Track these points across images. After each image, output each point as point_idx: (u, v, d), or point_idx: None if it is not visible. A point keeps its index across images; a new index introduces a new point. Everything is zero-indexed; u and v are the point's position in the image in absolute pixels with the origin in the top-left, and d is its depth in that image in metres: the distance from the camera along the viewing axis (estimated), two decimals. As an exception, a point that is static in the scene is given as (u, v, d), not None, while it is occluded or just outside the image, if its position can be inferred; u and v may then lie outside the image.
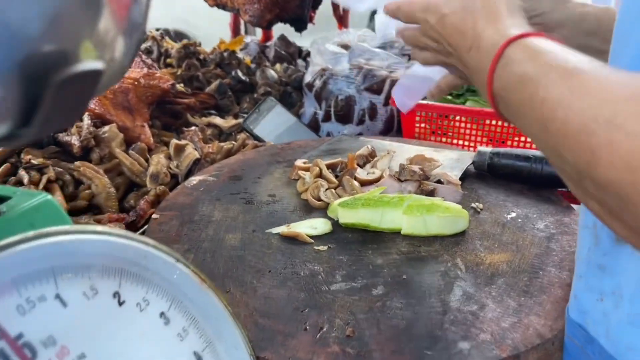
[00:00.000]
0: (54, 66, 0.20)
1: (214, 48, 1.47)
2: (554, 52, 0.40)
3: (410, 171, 0.73)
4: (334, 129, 1.21)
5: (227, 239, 0.68)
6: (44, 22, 0.19)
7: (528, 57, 0.41)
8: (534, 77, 0.39)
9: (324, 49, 1.23)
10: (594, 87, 0.33)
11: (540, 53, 0.40)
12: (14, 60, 0.19)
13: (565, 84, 0.36)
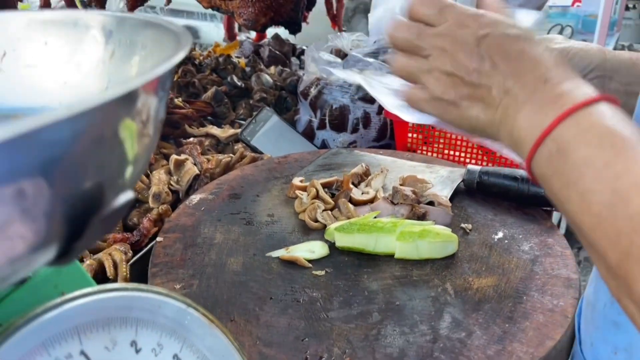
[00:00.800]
0: (96, 209, 0.23)
1: (209, 52, 1.48)
2: (629, 137, 0.35)
3: (403, 195, 0.77)
4: (328, 137, 1.24)
5: (230, 263, 0.72)
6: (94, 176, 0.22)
7: (610, 118, 0.37)
8: (615, 142, 0.35)
9: (318, 57, 1.25)
10: None
11: (618, 120, 0.36)
12: (62, 209, 0.22)
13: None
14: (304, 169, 0.98)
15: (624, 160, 0.33)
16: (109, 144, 0.24)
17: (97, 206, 0.23)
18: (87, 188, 0.22)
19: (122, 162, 0.25)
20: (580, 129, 0.37)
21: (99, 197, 0.23)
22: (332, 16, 1.77)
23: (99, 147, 0.23)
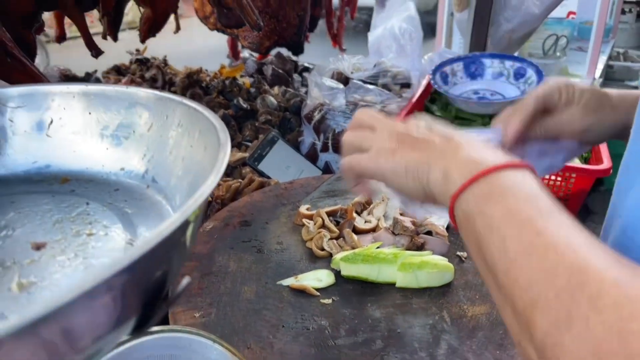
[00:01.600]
0: (165, 295, 0.29)
1: (215, 74, 1.54)
2: (533, 199, 0.39)
3: (403, 226, 0.83)
4: (331, 159, 1.30)
5: (244, 291, 0.78)
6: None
7: (511, 195, 0.39)
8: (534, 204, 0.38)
9: (321, 83, 1.31)
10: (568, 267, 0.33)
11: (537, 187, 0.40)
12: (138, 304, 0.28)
13: (539, 263, 0.35)
14: (309, 195, 1.04)
15: (545, 220, 0.36)
16: (173, 256, 0.30)
17: (165, 293, 0.29)
18: (158, 285, 0.29)
19: (181, 260, 0.31)
20: (517, 181, 0.40)
21: (166, 287, 0.29)
22: (333, 35, 1.83)
23: (168, 258, 0.30)
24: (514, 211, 0.38)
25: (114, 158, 0.51)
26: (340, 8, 1.73)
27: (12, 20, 0.99)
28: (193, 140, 0.44)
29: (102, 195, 0.48)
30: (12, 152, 0.51)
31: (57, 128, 0.52)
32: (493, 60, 1.52)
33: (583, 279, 0.32)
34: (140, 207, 0.46)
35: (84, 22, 1.09)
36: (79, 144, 0.52)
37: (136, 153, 0.50)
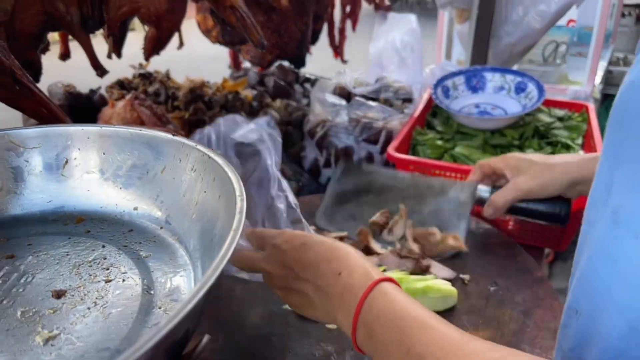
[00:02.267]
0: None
1: (217, 87, 1.55)
2: (407, 304, 0.49)
3: (409, 250, 0.84)
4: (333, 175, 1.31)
5: (250, 316, 0.79)
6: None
7: (394, 301, 0.49)
8: (400, 324, 0.47)
9: (323, 99, 1.32)
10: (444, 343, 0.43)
11: (399, 303, 0.49)
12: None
13: (425, 337, 0.45)
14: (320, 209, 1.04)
15: (408, 337, 0.45)
16: (197, 317, 0.31)
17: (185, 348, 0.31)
18: (181, 344, 0.30)
19: (201, 316, 0.33)
20: (374, 315, 0.49)
21: (187, 344, 0.31)
22: (335, 47, 1.84)
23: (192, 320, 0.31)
24: (387, 341, 0.47)
25: (128, 198, 0.52)
26: (342, 20, 1.74)
27: (18, 41, 1.00)
28: (207, 186, 0.45)
29: (116, 237, 0.49)
30: (28, 192, 0.52)
31: (72, 168, 0.53)
32: (494, 74, 1.54)
33: None
34: (154, 250, 0.47)
35: (89, 43, 1.10)
36: (93, 184, 0.53)
37: (149, 194, 0.51)
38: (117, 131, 0.52)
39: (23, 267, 0.44)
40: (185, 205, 0.48)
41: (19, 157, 0.52)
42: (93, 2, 1.11)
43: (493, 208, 0.88)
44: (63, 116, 0.87)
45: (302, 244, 0.57)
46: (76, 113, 1.29)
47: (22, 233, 0.49)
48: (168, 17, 1.17)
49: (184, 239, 0.47)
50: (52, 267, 0.44)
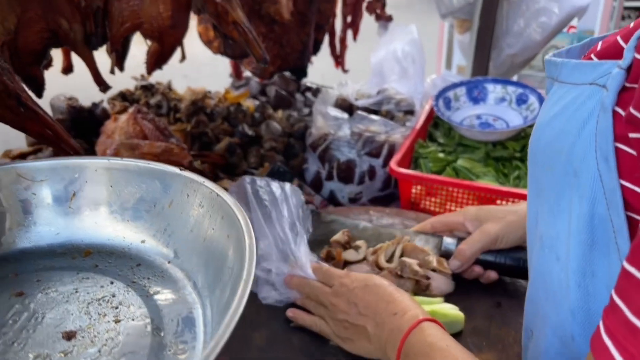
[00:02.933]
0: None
1: (219, 99, 1.56)
2: (439, 337, 0.59)
3: (413, 270, 0.84)
4: (336, 188, 1.32)
5: (255, 337, 0.79)
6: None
7: (429, 335, 0.59)
8: (429, 352, 0.56)
9: (325, 112, 1.32)
10: None
11: (434, 336, 0.59)
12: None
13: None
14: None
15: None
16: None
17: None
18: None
19: None
20: (414, 348, 0.58)
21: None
22: (336, 57, 1.85)
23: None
24: None
25: (135, 230, 0.52)
26: (343, 30, 1.75)
27: (21, 58, 1.00)
28: (215, 224, 0.46)
29: (125, 272, 0.49)
30: (36, 225, 0.53)
31: (80, 200, 0.53)
32: (496, 85, 1.54)
33: None
34: (163, 286, 0.47)
35: (92, 59, 1.10)
36: (101, 216, 0.53)
37: (157, 227, 0.51)
38: (125, 164, 0.52)
39: (33, 305, 0.44)
40: (193, 240, 0.48)
41: (27, 190, 0.52)
42: (96, 18, 1.11)
43: (461, 259, 0.86)
44: (68, 138, 0.88)
45: (366, 285, 0.70)
46: (79, 127, 1.29)
47: (31, 267, 0.49)
48: (171, 33, 1.17)
49: (192, 275, 0.47)
50: (62, 306, 0.44)
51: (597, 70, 0.41)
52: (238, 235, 0.41)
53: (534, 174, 0.51)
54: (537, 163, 0.49)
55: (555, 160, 0.44)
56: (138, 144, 1.19)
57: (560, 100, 0.45)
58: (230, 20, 1.15)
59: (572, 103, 0.43)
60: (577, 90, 0.43)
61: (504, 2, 1.58)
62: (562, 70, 0.47)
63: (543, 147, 0.47)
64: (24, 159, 1.19)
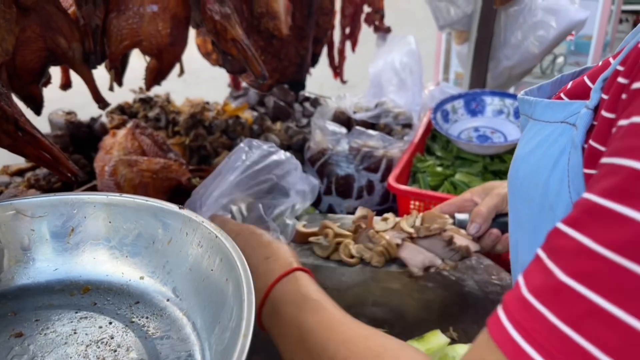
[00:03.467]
0: None
1: (217, 111, 1.56)
2: (312, 289, 0.57)
3: (427, 228, 0.82)
4: (334, 202, 1.32)
5: (254, 361, 0.79)
6: None
7: (303, 285, 0.57)
8: (300, 303, 0.54)
9: (324, 126, 1.32)
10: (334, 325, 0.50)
11: (306, 287, 0.57)
12: None
13: (317, 316, 0.52)
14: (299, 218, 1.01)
15: (304, 313, 0.52)
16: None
17: None
18: None
19: None
20: (284, 296, 0.56)
21: None
22: (334, 68, 1.85)
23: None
24: (290, 320, 0.53)
25: (134, 267, 0.52)
26: (341, 42, 1.75)
27: (19, 77, 1.00)
28: (214, 265, 0.46)
29: (123, 310, 0.49)
30: (35, 261, 0.53)
31: (78, 236, 0.53)
32: (493, 98, 1.54)
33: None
34: (162, 327, 0.47)
35: (91, 77, 1.10)
36: (99, 252, 0.53)
37: (156, 264, 0.52)
38: (124, 200, 0.52)
39: (32, 347, 0.44)
40: (193, 280, 0.48)
41: (25, 226, 0.52)
42: (95, 37, 1.11)
43: (478, 220, 0.84)
44: (66, 161, 0.88)
45: (238, 234, 0.66)
46: (78, 142, 1.29)
47: (30, 305, 0.49)
48: (170, 50, 1.17)
49: (191, 315, 0.47)
50: (61, 349, 0.44)
51: (567, 110, 0.43)
52: (237, 281, 0.41)
53: (514, 205, 0.52)
54: (516, 195, 0.51)
55: (533, 194, 0.46)
56: (136, 160, 1.19)
57: (535, 136, 0.47)
58: (229, 38, 1.15)
59: (546, 140, 0.45)
60: (550, 127, 0.45)
61: (501, 14, 1.58)
62: (536, 108, 0.49)
63: (521, 180, 0.48)
64: (22, 176, 1.19)
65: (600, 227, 0.30)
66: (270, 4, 1.28)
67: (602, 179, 0.31)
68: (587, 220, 0.31)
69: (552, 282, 0.30)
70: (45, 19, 1.03)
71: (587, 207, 0.31)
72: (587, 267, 0.29)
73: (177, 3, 1.15)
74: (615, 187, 0.30)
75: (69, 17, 1.03)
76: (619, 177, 0.30)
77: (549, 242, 0.33)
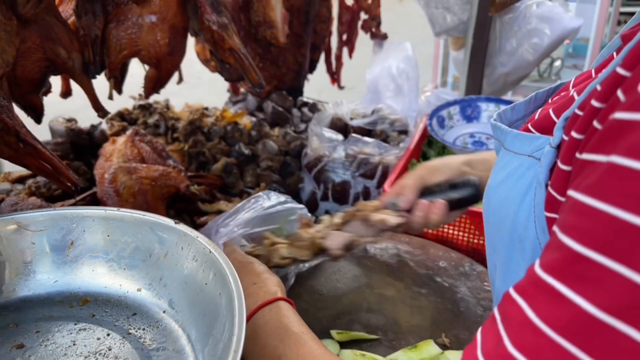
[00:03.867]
0: None
1: (216, 117, 1.57)
2: (294, 320, 0.58)
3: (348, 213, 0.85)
4: (331, 208, 1.34)
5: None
6: None
7: (284, 316, 0.57)
8: (281, 333, 0.55)
9: (321, 133, 1.34)
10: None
11: (288, 318, 0.57)
12: None
13: (298, 350, 0.52)
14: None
15: (284, 346, 0.53)
16: None
17: None
18: None
19: None
20: (266, 326, 0.57)
21: None
22: (332, 73, 1.87)
23: None
24: (266, 345, 0.54)
25: (132, 279, 0.54)
26: (339, 48, 1.77)
27: (20, 87, 1.02)
28: (207, 279, 0.47)
29: (121, 322, 0.51)
30: (35, 274, 0.54)
31: (77, 249, 0.55)
32: (489, 104, 1.56)
33: None
34: (158, 338, 0.49)
35: (91, 86, 1.12)
36: (98, 264, 0.55)
37: (152, 276, 0.53)
38: (122, 215, 0.54)
39: (33, 358, 0.46)
40: (188, 293, 0.50)
41: (26, 240, 0.54)
42: (94, 47, 1.13)
43: (404, 189, 0.84)
44: (66, 171, 0.89)
45: (238, 262, 0.69)
46: (78, 149, 1.31)
47: (30, 317, 0.51)
48: (168, 59, 1.19)
49: (186, 327, 0.49)
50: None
51: (534, 144, 0.44)
52: (229, 296, 0.43)
53: (488, 232, 0.53)
54: (489, 223, 0.52)
55: (502, 226, 0.48)
56: (136, 167, 1.20)
57: (506, 167, 0.48)
58: (227, 47, 1.17)
59: (515, 172, 0.46)
60: (518, 159, 0.46)
61: (496, 22, 1.60)
62: (506, 137, 0.50)
63: (493, 210, 0.50)
64: (23, 183, 1.21)
65: (543, 302, 0.32)
66: (267, 13, 1.30)
67: (547, 251, 0.33)
68: (533, 292, 0.33)
69: (501, 351, 0.33)
70: (45, 30, 1.05)
71: (533, 279, 0.33)
72: (531, 342, 0.31)
73: (175, 13, 1.16)
74: (556, 263, 0.31)
75: (69, 28, 1.05)
76: (560, 254, 0.31)
77: (503, 304, 0.35)
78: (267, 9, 1.31)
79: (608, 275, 0.28)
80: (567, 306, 0.30)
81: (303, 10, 1.48)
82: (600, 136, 0.32)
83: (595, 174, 0.31)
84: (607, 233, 0.29)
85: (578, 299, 0.29)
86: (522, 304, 0.33)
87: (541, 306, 0.31)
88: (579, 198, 0.31)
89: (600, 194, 0.30)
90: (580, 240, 0.30)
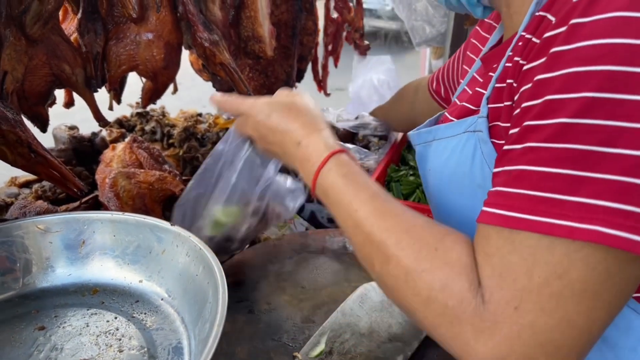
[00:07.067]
0: None
1: (209, 124, 1.67)
2: (357, 172, 0.58)
3: None
4: (316, 209, 1.44)
5: (237, 352, 0.91)
6: None
7: (347, 171, 0.57)
8: (351, 191, 0.55)
9: (306, 140, 1.44)
10: (389, 213, 0.52)
11: (353, 173, 0.57)
12: None
13: (372, 204, 0.53)
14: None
15: (358, 200, 0.54)
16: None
17: None
18: None
19: None
20: (329, 183, 0.57)
21: None
22: (318, 81, 1.96)
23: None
24: (340, 200, 0.56)
25: (134, 272, 0.64)
26: (325, 57, 1.87)
27: (28, 99, 1.12)
28: (198, 271, 0.58)
29: (126, 308, 0.61)
30: (53, 268, 0.64)
31: (88, 247, 0.65)
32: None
33: (376, 251, 0.51)
34: (157, 321, 0.59)
35: (93, 99, 1.22)
36: (106, 260, 0.65)
37: (152, 270, 0.63)
38: (126, 218, 0.64)
39: (53, 338, 0.56)
40: (182, 283, 0.60)
41: (45, 240, 0.64)
42: (96, 63, 1.23)
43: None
44: (73, 178, 0.99)
45: (269, 114, 0.68)
46: (80, 156, 1.41)
47: (49, 304, 0.61)
48: (164, 73, 1.29)
49: (180, 311, 0.59)
50: (76, 338, 0.56)
51: (465, 124, 0.59)
52: (215, 284, 0.53)
53: (444, 202, 0.64)
54: (443, 194, 0.64)
55: (462, 184, 0.60)
56: (134, 172, 1.30)
57: (445, 149, 0.62)
58: (218, 62, 1.27)
59: (456, 147, 0.60)
60: (456, 139, 0.61)
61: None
62: (437, 132, 0.64)
63: (447, 179, 0.63)
64: (29, 187, 1.30)
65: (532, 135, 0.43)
66: (255, 28, 1.40)
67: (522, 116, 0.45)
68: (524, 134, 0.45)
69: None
70: (51, 48, 1.15)
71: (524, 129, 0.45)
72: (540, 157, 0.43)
73: (170, 31, 1.26)
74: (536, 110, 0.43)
75: (73, 46, 1.15)
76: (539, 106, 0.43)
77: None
78: (255, 25, 1.40)
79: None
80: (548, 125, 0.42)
81: (290, 24, 1.57)
82: (538, 48, 0.45)
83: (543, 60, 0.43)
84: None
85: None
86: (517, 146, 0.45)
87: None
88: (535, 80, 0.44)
89: (551, 69, 0.42)
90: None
